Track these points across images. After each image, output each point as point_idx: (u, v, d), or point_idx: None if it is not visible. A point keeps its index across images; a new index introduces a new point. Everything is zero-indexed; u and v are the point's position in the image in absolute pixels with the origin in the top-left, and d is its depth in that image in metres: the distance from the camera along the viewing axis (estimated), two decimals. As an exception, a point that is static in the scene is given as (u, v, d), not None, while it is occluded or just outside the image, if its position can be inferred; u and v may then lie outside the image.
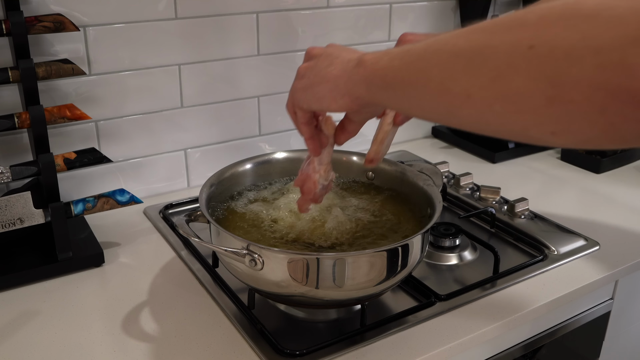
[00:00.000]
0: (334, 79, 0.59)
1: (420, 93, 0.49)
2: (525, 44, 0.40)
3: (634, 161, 1.36)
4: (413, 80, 0.50)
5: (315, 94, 0.61)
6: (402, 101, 0.52)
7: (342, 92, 0.58)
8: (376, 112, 0.67)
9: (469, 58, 0.44)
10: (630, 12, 0.36)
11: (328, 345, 0.76)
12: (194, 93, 1.16)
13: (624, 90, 0.36)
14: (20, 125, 0.88)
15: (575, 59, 0.37)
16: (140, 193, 1.14)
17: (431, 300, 0.85)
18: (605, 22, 0.36)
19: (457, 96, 0.45)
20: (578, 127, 0.39)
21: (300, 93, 0.64)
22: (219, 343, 0.77)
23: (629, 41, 0.35)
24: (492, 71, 0.42)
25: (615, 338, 1.09)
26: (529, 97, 0.40)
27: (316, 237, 0.81)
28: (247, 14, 1.16)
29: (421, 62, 0.49)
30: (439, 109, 0.48)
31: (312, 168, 0.75)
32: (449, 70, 0.46)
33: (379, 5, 1.31)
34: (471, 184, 1.20)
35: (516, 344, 0.90)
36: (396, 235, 0.83)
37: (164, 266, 0.94)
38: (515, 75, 0.40)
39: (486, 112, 0.43)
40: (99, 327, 0.80)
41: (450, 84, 0.45)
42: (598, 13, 0.37)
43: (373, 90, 0.55)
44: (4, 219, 0.86)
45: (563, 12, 0.39)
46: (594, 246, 1.00)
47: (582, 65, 0.37)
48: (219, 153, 1.22)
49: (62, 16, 0.90)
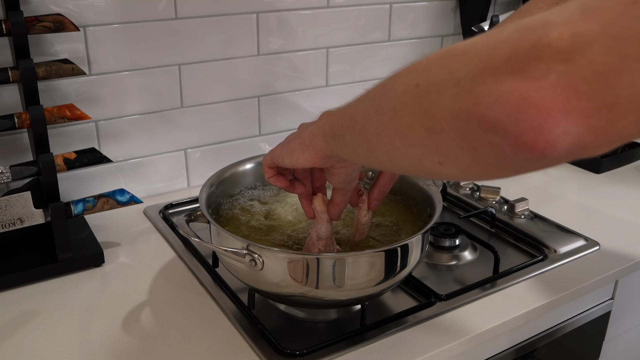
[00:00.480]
0: (304, 135, 0.64)
1: (353, 138, 0.54)
2: (413, 83, 0.44)
3: (634, 161, 1.36)
4: (348, 126, 0.55)
5: (289, 148, 0.67)
6: (346, 148, 0.57)
7: (307, 145, 0.64)
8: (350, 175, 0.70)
9: (379, 101, 0.49)
10: (484, 47, 0.39)
11: (328, 345, 0.76)
12: (194, 93, 1.16)
13: (473, 117, 0.39)
14: (20, 125, 0.88)
15: (442, 91, 0.41)
16: (140, 193, 1.14)
17: (431, 300, 0.85)
18: (467, 57, 0.40)
19: (372, 136, 0.50)
20: (454, 155, 0.42)
21: (278, 149, 0.70)
22: (219, 343, 0.77)
23: (478, 72, 0.39)
24: (391, 110, 0.47)
25: (615, 338, 1.09)
26: (414, 129, 0.44)
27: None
28: (247, 14, 1.16)
29: (353, 109, 0.55)
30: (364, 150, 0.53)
31: (312, 243, 0.75)
32: (366, 113, 0.51)
33: (379, 5, 1.31)
34: (471, 184, 1.20)
35: (516, 344, 0.90)
36: (396, 236, 0.83)
37: (164, 266, 0.94)
38: (405, 111, 0.45)
39: (391, 148, 0.48)
40: (99, 327, 0.80)
41: (367, 125, 0.51)
42: (465, 51, 0.41)
43: (327, 139, 0.60)
44: (4, 219, 0.86)
45: (443, 53, 0.43)
46: (594, 246, 1.00)
47: (446, 96, 0.41)
48: (219, 153, 1.22)
49: (62, 16, 0.90)
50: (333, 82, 1.31)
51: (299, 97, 1.27)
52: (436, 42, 1.43)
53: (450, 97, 0.40)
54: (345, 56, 1.30)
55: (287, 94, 1.26)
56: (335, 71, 1.30)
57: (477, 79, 0.39)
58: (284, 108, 1.26)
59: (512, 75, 0.37)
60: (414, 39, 1.39)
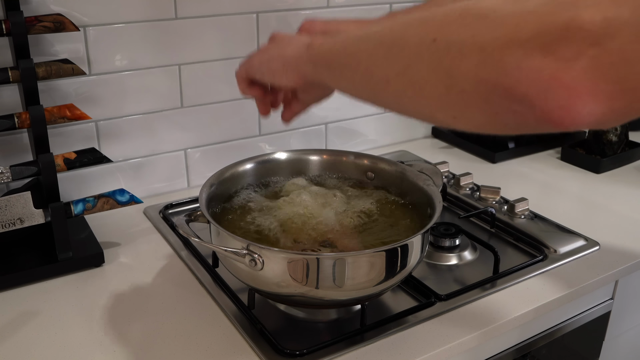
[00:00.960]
0: (287, 56, 0.65)
1: (353, 74, 0.55)
2: (430, 37, 0.45)
3: (634, 161, 1.36)
4: (347, 62, 0.56)
5: (270, 67, 0.68)
6: (339, 81, 0.58)
7: (292, 68, 0.65)
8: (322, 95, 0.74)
9: (388, 47, 0.49)
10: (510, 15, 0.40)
11: (328, 345, 0.76)
12: (194, 93, 1.16)
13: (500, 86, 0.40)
14: (20, 125, 0.88)
15: (465, 54, 0.42)
16: (140, 193, 1.14)
17: (431, 300, 0.85)
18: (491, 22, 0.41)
19: (379, 81, 0.50)
20: (471, 114, 0.43)
21: (257, 65, 0.70)
22: (219, 343, 0.77)
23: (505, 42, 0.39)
24: (404, 60, 0.47)
25: (615, 338, 1.09)
26: (432, 85, 0.45)
27: (315, 234, 0.81)
28: (247, 14, 1.16)
29: (354, 47, 0.55)
30: (366, 90, 0.54)
31: None
32: (373, 57, 0.51)
33: (379, 5, 1.31)
34: (471, 184, 1.20)
35: (516, 344, 0.90)
36: (396, 236, 0.83)
37: (164, 266, 0.94)
38: (421, 64, 0.46)
39: (402, 96, 0.49)
40: (98, 327, 0.80)
41: (374, 69, 0.51)
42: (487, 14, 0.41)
43: (318, 69, 0.61)
44: (4, 219, 0.86)
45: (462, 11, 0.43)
46: (594, 246, 1.00)
47: (470, 60, 0.41)
48: (219, 153, 1.22)
49: (62, 16, 0.90)
50: (333, 82, 1.31)
51: (299, 97, 1.27)
52: (436, 42, 1.43)
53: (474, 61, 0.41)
54: (345, 56, 1.30)
55: (287, 94, 1.26)
56: (335, 71, 1.30)
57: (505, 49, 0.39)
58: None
59: (542, 52, 0.38)
60: (414, 39, 1.39)
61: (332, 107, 1.32)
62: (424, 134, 1.52)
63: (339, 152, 0.99)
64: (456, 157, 1.39)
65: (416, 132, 1.50)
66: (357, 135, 1.39)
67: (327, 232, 0.82)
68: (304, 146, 1.31)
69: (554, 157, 1.38)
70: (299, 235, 0.82)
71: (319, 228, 0.83)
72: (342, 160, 0.98)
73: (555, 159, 1.38)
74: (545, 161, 1.37)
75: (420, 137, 1.51)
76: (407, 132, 1.48)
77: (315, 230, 0.82)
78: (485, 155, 1.37)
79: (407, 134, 1.48)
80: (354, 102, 0.62)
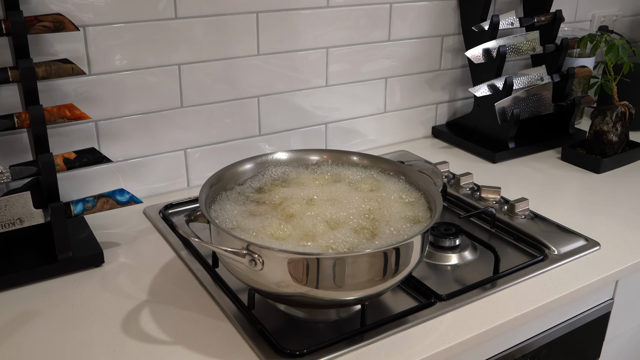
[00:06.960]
0: None
1: None
2: None
3: (634, 161, 1.36)
4: None
5: None
6: None
7: None
8: None
9: None
10: None
11: (328, 345, 0.76)
12: (194, 93, 1.15)
13: None
14: (20, 125, 0.88)
15: None
16: (140, 193, 1.14)
17: (431, 301, 0.85)
18: None
19: None
20: None
21: None
22: (219, 343, 0.77)
23: None
24: None
25: (615, 338, 1.09)
26: None
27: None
28: (247, 14, 1.16)
29: None
30: None
31: None
32: None
33: (379, 5, 1.31)
34: (471, 184, 1.20)
35: (516, 344, 0.90)
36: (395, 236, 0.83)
37: (164, 266, 0.94)
38: None
39: None
40: (99, 327, 0.80)
41: None
42: None
43: None
44: (4, 219, 0.86)
45: None
46: (594, 246, 1.00)
47: None
48: (219, 153, 1.22)
49: (62, 16, 0.90)
50: (333, 82, 1.31)
51: (299, 97, 1.27)
52: (436, 42, 1.43)
53: None
54: (345, 56, 1.30)
55: (287, 94, 1.26)
56: (335, 71, 1.30)
57: None
58: (284, 108, 1.26)
59: None
60: (414, 39, 1.39)
61: (332, 107, 1.33)
62: (424, 134, 1.52)
63: (339, 152, 0.99)
64: (456, 157, 1.39)
65: (416, 132, 1.50)
66: (357, 135, 1.39)
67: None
68: (304, 146, 1.31)
69: (555, 157, 1.38)
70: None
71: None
72: (342, 160, 0.98)
73: (556, 159, 1.37)
74: (546, 161, 1.37)
75: (420, 137, 1.51)
76: (407, 132, 1.48)
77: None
78: (486, 155, 1.37)
79: (407, 134, 1.48)
80: (354, 102, 0.62)
